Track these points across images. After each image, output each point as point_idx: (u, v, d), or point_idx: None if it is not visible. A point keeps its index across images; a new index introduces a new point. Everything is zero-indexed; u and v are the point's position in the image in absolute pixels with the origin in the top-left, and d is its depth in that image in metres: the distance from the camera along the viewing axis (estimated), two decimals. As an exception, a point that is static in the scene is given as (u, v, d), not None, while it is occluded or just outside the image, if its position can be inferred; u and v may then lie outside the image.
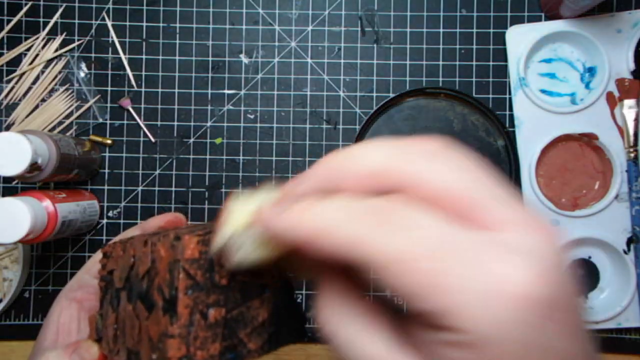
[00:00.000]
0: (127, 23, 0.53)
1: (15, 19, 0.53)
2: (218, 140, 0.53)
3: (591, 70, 0.52)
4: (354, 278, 0.18)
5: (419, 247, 0.15)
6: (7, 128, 0.53)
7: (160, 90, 0.53)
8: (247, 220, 0.20)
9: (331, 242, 0.16)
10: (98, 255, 0.34)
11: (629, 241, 0.50)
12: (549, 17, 0.53)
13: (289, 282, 0.28)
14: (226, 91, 0.53)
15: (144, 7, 0.53)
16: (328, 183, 0.18)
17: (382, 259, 0.15)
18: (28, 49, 0.53)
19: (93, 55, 0.53)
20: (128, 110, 0.53)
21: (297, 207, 0.17)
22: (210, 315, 0.23)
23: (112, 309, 0.28)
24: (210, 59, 0.53)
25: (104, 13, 0.53)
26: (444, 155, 0.17)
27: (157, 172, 0.53)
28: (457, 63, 0.53)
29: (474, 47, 0.53)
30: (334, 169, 0.18)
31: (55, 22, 0.53)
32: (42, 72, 0.53)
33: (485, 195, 0.16)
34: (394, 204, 0.16)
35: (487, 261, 0.15)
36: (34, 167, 0.42)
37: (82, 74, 0.53)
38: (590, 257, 0.52)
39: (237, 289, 0.24)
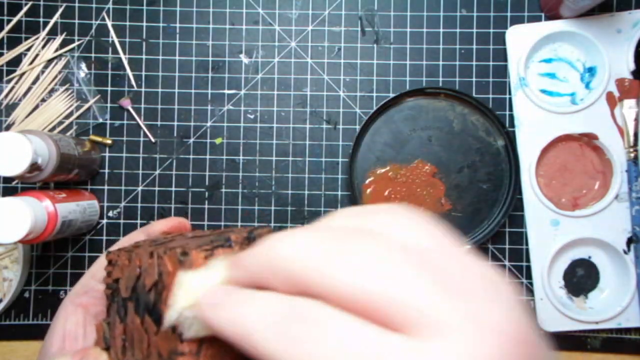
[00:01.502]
0: (127, 23, 0.53)
1: (15, 19, 0.53)
2: (218, 140, 0.53)
3: (591, 70, 0.52)
4: None
5: None
6: (7, 128, 0.53)
7: (160, 90, 0.53)
8: (195, 297, 0.20)
9: (249, 348, 0.15)
10: (103, 259, 0.34)
11: (629, 241, 0.50)
12: (549, 17, 0.53)
13: None
14: (226, 91, 0.53)
15: (144, 7, 0.53)
16: (257, 276, 0.17)
17: None
18: (28, 49, 0.53)
19: (93, 55, 0.53)
20: (128, 110, 0.53)
21: (226, 303, 0.17)
22: None
23: (120, 319, 0.28)
24: (210, 59, 0.53)
25: (104, 13, 0.53)
26: (365, 250, 0.15)
27: (157, 172, 0.53)
28: (457, 63, 0.53)
29: (474, 47, 0.53)
30: (259, 263, 0.17)
31: (55, 22, 0.53)
32: (42, 72, 0.53)
33: (414, 297, 0.14)
34: (312, 310, 0.15)
35: None
36: (34, 167, 0.42)
37: (82, 74, 0.53)
38: (590, 257, 0.52)
39: None
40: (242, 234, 0.25)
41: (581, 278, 0.52)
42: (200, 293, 0.19)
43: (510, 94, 0.52)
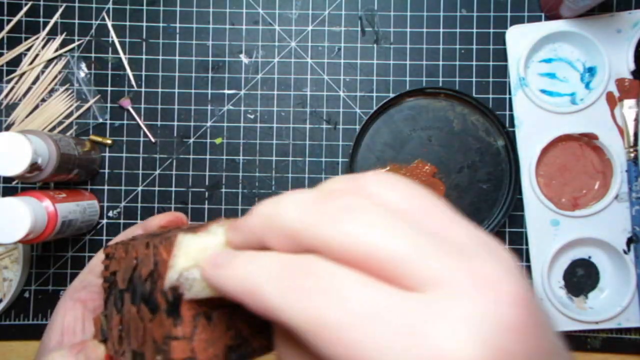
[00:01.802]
0: (127, 23, 0.53)
1: (15, 19, 0.53)
2: (218, 140, 0.53)
3: (591, 70, 0.52)
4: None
5: (340, 312, 0.13)
6: (7, 128, 0.53)
7: (160, 90, 0.53)
8: (195, 259, 0.20)
9: (255, 304, 0.15)
10: (101, 255, 0.34)
11: (629, 241, 0.50)
12: (549, 17, 0.53)
13: None
14: (226, 91, 0.53)
15: (144, 7, 0.53)
16: (258, 237, 0.17)
17: (301, 325, 0.14)
18: (28, 49, 0.53)
19: (93, 55, 0.53)
20: (128, 110, 0.53)
21: (230, 263, 0.17)
22: (214, 316, 0.23)
23: (117, 311, 0.28)
24: (210, 59, 0.53)
25: (104, 13, 0.53)
26: (363, 206, 0.15)
27: (157, 172, 0.53)
28: (457, 63, 0.53)
29: (474, 47, 0.53)
30: (259, 224, 0.17)
31: (55, 22, 0.53)
32: (42, 72, 0.53)
33: (414, 251, 0.14)
34: (313, 264, 0.15)
35: (420, 331, 0.13)
36: (34, 167, 0.42)
37: (82, 74, 0.53)
38: (590, 257, 0.52)
39: None
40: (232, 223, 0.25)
41: (581, 278, 0.52)
42: (201, 255, 0.19)
43: (510, 94, 0.52)
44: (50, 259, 0.52)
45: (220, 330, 0.23)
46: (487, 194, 0.52)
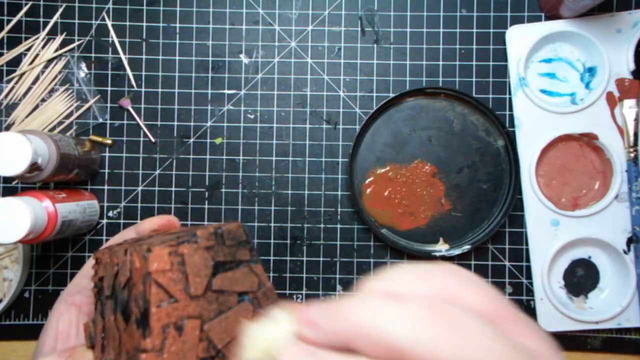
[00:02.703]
0: (127, 23, 0.53)
1: (15, 19, 0.53)
2: (218, 140, 0.53)
3: (591, 70, 0.52)
4: None
5: None
6: (7, 128, 0.53)
7: (160, 90, 0.53)
8: (264, 349, 0.20)
9: None
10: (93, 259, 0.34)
11: (629, 241, 0.50)
12: (549, 17, 0.53)
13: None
14: (226, 91, 0.53)
15: (144, 7, 0.53)
16: (343, 341, 0.17)
17: None
18: (28, 49, 0.53)
19: (93, 55, 0.53)
20: (128, 110, 0.53)
21: None
22: (186, 327, 0.22)
23: (101, 317, 0.28)
24: (210, 59, 0.53)
25: (104, 13, 0.53)
26: (468, 325, 0.16)
27: (157, 172, 0.53)
28: (457, 63, 0.53)
29: (474, 47, 0.53)
30: (350, 331, 0.17)
31: (55, 22, 0.53)
32: (42, 72, 0.53)
33: None
34: None
35: None
36: (34, 167, 0.42)
37: (82, 74, 0.53)
38: (590, 257, 0.52)
39: (213, 299, 0.24)
40: (209, 230, 0.24)
41: (581, 278, 0.52)
42: (269, 345, 0.19)
43: (510, 94, 0.52)
44: (50, 259, 0.52)
45: (191, 342, 0.23)
46: (487, 194, 0.52)
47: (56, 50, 0.53)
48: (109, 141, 0.53)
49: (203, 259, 0.24)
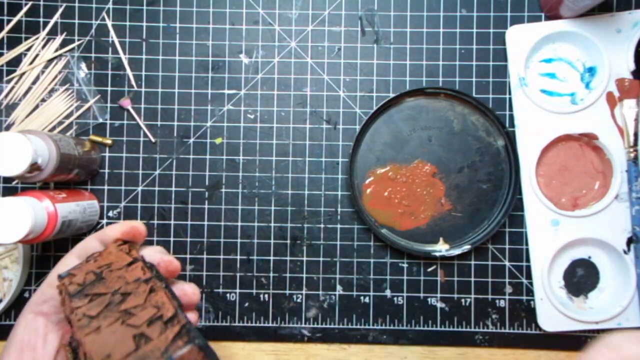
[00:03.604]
0: (127, 23, 0.53)
1: (15, 19, 0.53)
2: (218, 140, 0.53)
3: (591, 70, 0.52)
4: None
5: None
6: (7, 128, 0.53)
7: (160, 90, 0.53)
8: None
9: None
10: (61, 267, 0.33)
11: (629, 241, 0.50)
12: (549, 17, 0.53)
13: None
14: (226, 91, 0.53)
15: (144, 7, 0.53)
16: None
17: None
18: (28, 49, 0.53)
19: (93, 55, 0.53)
20: (128, 110, 0.53)
21: None
22: None
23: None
24: (210, 59, 0.53)
25: (104, 13, 0.53)
26: None
27: (157, 172, 0.53)
28: (457, 63, 0.53)
29: (474, 47, 0.53)
30: None
31: (55, 22, 0.53)
32: (42, 72, 0.53)
33: None
34: None
35: None
36: (34, 167, 0.42)
37: (82, 74, 0.53)
38: (590, 257, 0.52)
39: None
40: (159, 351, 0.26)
41: (581, 278, 0.52)
42: None
43: (510, 94, 0.52)
44: (50, 259, 0.52)
45: None
46: (487, 194, 0.52)
47: (56, 50, 0.53)
48: (109, 141, 0.53)
49: None
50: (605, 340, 0.29)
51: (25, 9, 0.53)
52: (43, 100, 0.53)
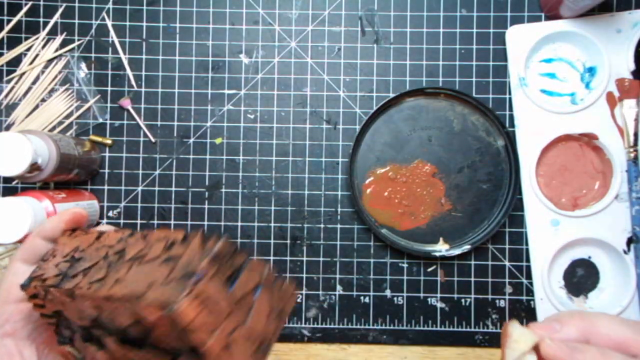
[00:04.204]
0: (127, 23, 0.53)
1: (15, 19, 0.53)
2: (218, 140, 0.53)
3: (591, 70, 0.52)
4: None
5: None
6: (7, 128, 0.53)
7: (160, 90, 0.53)
8: (527, 348, 0.28)
9: None
10: (11, 278, 0.32)
11: (629, 241, 0.50)
12: (549, 17, 0.53)
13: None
14: (226, 91, 0.53)
15: (144, 7, 0.53)
16: (582, 336, 0.28)
17: None
18: (28, 49, 0.53)
19: (93, 55, 0.53)
20: (128, 110, 0.53)
21: (574, 351, 0.27)
22: (235, 341, 0.25)
23: (96, 347, 0.29)
24: (210, 59, 0.53)
25: (104, 13, 0.53)
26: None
27: (157, 172, 0.53)
28: (457, 63, 0.53)
29: (474, 47, 0.53)
30: (589, 329, 0.28)
31: (55, 22, 0.53)
32: (42, 72, 0.53)
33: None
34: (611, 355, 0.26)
35: None
36: (34, 167, 0.42)
37: (82, 74, 0.53)
38: (590, 257, 0.52)
39: (239, 306, 0.26)
40: (206, 260, 0.26)
41: (581, 278, 0.52)
42: (525, 342, 0.28)
43: (510, 94, 0.52)
44: (50, 259, 0.52)
45: (242, 347, 0.26)
46: (487, 194, 0.52)
47: (56, 50, 0.53)
48: (109, 141, 0.53)
49: (217, 286, 0.25)
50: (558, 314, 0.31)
51: (25, 9, 0.53)
52: (43, 100, 0.53)
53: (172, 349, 0.24)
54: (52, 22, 0.53)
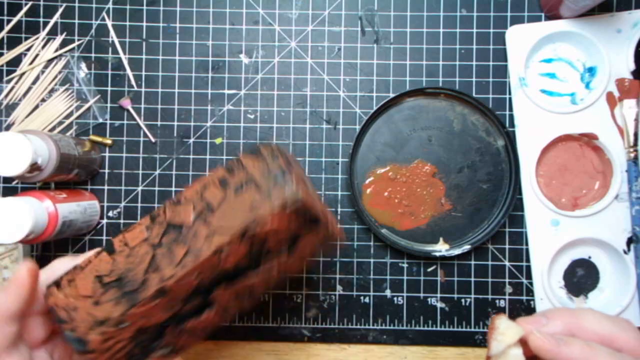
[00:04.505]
0: (127, 23, 0.53)
1: (15, 19, 0.53)
2: (218, 140, 0.53)
3: (591, 70, 0.52)
4: None
5: None
6: (7, 128, 0.53)
7: (160, 90, 0.53)
8: (513, 340, 0.29)
9: None
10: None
11: (629, 241, 0.50)
12: (549, 17, 0.53)
13: None
14: (226, 91, 0.53)
15: (144, 7, 0.53)
16: (568, 331, 0.30)
17: None
18: (28, 49, 0.53)
19: (93, 55, 0.53)
20: (128, 110, 0.53)
21: (560, 343, 0.28)
22: None
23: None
24: (210, 59, 0.53)
25: (104, 13, 0.53)
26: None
27: (157, 172, 0.53)
28: (457, 63, 0.53)
29: (474, 47, 0.53)
30: (575, 324, 0.30)
31: (55, 22, 0.53)
32: (42, 72, 0.53)
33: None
34: (598, 349, 0.28)
35: None
36: (34, 167, 0.42)
37: (82, 74, 0.53)
38: (590, 257, 0.52)
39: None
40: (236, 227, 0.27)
41: (581, 278, 0.52)
42: (511, 335, 0.29)
43: (510, 94, 0.52)
44: (50, 259, 0.52)
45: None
46: (487, 194, 0.52)
47: (56, 50, 0.53)
48: (109, 141, 0.53)
49: (298, 169, 0.31)
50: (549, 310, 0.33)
51: (25, 9, 0.53)
52: (43, 100, 0.53)
53: (278, 250, 0.27)
54: (52, 22, 0.53)
